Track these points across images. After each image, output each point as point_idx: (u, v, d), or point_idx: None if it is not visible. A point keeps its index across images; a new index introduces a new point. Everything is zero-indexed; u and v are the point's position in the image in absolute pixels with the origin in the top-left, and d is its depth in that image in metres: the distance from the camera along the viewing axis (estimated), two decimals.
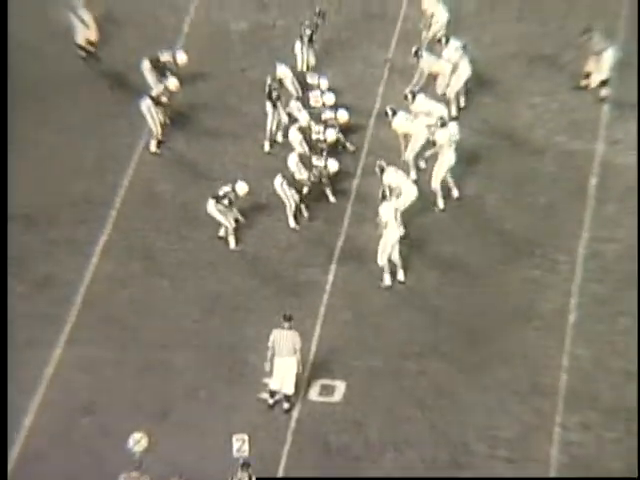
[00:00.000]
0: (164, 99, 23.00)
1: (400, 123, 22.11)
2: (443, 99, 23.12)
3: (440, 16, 24.13)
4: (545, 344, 19.87)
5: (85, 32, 24.41)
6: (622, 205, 21.81)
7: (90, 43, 24.45)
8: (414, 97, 22.52)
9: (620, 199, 21.92)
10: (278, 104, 22.60)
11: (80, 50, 24.58)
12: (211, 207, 21.33)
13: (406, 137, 22.17)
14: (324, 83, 23.20)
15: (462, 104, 23.46)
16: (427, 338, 20.05)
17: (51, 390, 19.59)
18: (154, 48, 24.16)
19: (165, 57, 23.52)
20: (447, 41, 23.26)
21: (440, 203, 21.88)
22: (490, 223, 21.80)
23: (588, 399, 19.11)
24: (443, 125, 21.74)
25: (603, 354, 19.64)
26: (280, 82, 23.02)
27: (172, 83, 23.12)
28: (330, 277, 21.02)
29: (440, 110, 22.37)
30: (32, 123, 23.60)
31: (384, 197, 21.07)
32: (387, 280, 20.80)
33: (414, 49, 23.36)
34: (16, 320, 20.31)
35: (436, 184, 21.82)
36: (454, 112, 23.11)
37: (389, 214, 20.53)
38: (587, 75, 23.58)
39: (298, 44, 23.77)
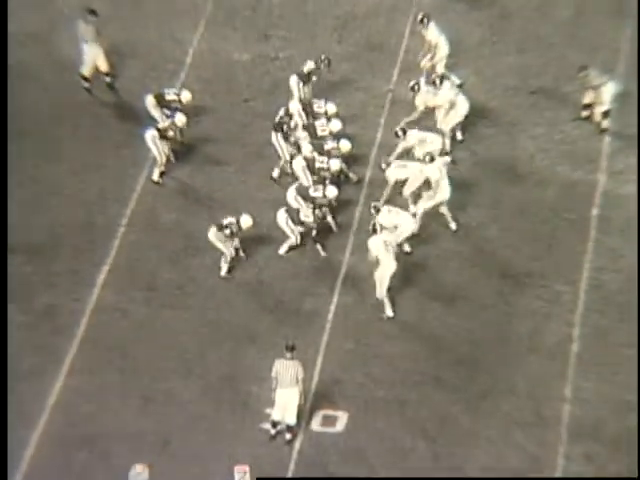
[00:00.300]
0: (170, 133, 23.08)
1: (394, 172, 22.15)
2: (440, 132, 23.18)
3: (442, 47, 24.23)
4: (548, 374, 19.82)
5: (89, 64, 24.51)
6: (623, 236, 21.80)
7: (106, 74, 24.55)
8: (404, 133, 22.60)
9: (621, 230, 21.91)
10: (289, 136, 22.72)
11: (84, 81, 24.64)
12: (212, 235, 21.37)
13: (397, 182, 22.24)
14: (331, 108, 23.27)
15: (459, 137, 23.47)
16: (429, 368, 20.01)
17: (52, 420, 19.51)
18: (158, 79, 24.28)
19: (170, 96, 23.56)
20: (442, 81, 23.30)
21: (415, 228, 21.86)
22: (492, 253, 21.79)
23: (591, 430, 19.05)
24: (432, 160, 21.77)
25: (606, 385, 19.59)
26: (291, 116, 23.12)
27: (180, 119, 23.18)
28: (332, 307, 20.99)
29: (434, 140, 22.43)
30: (33, 153, 23.56)
31: (374, 231, 21.08)
32: (389, 311, 20.78)
33: (411, 83, 23.44)
34: (17, 350, 20.23)
35: (418, 210, 21.81)
36: (448, 146, 23.09)
37: (379, 248, 20.51)
38: (587, 106, 23.66)
39: (294, 78, 23.78)
